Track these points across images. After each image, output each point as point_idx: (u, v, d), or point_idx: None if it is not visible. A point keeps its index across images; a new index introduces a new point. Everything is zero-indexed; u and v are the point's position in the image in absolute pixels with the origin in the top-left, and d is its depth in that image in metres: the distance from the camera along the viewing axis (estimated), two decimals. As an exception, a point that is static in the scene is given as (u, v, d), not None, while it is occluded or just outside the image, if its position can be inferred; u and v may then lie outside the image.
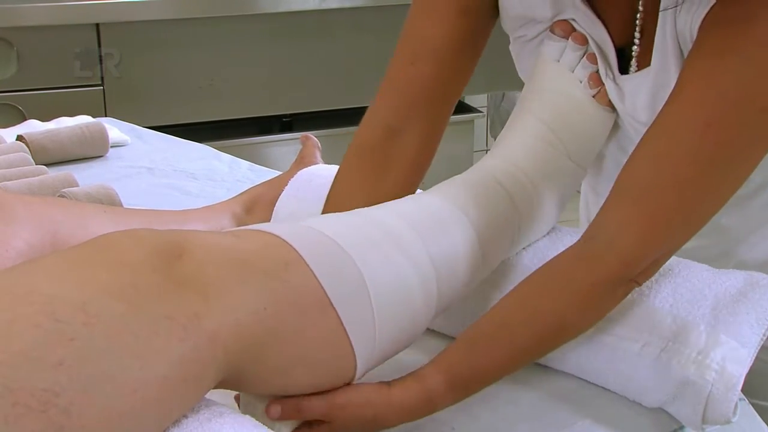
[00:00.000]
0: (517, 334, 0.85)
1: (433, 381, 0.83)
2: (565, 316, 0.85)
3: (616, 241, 0.84)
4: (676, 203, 0.83)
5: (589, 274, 0.85)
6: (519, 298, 0.87)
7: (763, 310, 0.89)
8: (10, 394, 0.59)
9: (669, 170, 0.83)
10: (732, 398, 0.86)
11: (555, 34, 1.00)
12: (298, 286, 0.76)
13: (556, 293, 0.85)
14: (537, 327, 0.85)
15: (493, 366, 0.85)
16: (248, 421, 0.72)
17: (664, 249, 0.86)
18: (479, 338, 0.86)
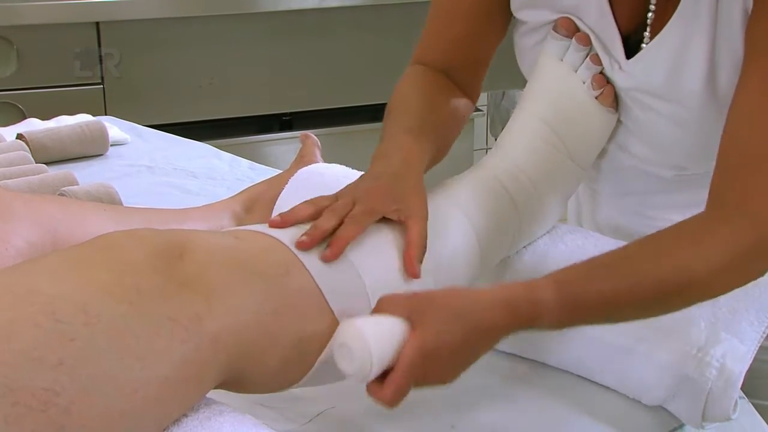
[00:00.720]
0: (640, 267, 0.81)
1: (543, 287, 0.78)
2: (690, 265, 0.81)
3: (747, 206, 0.82)
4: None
5: (721, 234, 0.82)
6: (647, 243, 0.84)
7: (763, 308, 0.89)
8: (10, 393, 0.59)
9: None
10: (732, 395, 0.86)
11: (558, 33, 0.99)
12: (298, 290, 0.77)
13: (686, 246, 0.82)
14: (660, 267, 0.81)
15: (610, 296, 0.79)
16: (248, 419, 0.72)
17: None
18: (600, 263, 0.82)
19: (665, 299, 0.82)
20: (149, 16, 2.44)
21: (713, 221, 0.83)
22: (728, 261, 0.81)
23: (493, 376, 0.96)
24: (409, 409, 0.89)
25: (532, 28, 1.04)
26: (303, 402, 0.90)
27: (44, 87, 2.40)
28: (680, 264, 0.81)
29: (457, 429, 0.87)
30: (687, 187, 1.04)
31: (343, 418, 0.88)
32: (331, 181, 1.08)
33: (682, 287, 0.81)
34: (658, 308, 0.83)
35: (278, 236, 0.79)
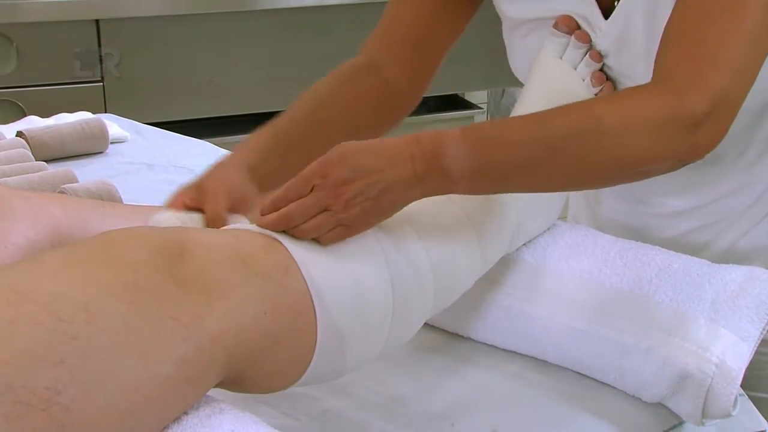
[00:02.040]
0: (551, 117, 0.80)
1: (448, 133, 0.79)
2: (603, 116, 0.80)
3: (667, 76, 0.82)
4: (720, 31, 0.81)
5: (638, 97, 0.82)
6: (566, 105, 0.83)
7: (763, 305, 0.89)
8: (11, 392, 0.59)
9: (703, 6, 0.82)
10: (732, 392, 0.86)
11: (558, 30, 0.99)
12: (297, 291, 0.77)
13: (603, 102, 0.82)
14: (572, 116, 0.80)
15: (516, 137, 0.79)
16: (248, 417, 0.72)
17: (717, 84, 0.81)
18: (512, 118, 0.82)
19: (572, 149, 0.79)
20: (149, 13, 2.44)
21: (635, 89, 0.83)
22: (641, 120, 0.80)
23: (493, 373, 0.96)
24: (409, 407, 0.89)
25: (519, 23, 1.04)
26: (303, 399, 0.90)
27: (44, 85, 2.40)
28: (591, 116, 0.80)
29: (457, 426, 0.87)
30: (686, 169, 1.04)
31: (343, 416, 0.88)
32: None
33: (590, 138, 0.79)
34: (565, 162, 0.80)
35: (277, 235, 0.79)
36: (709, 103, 0.80)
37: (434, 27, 1.05)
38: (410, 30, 1.05)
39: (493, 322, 0.99)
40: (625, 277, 0.93)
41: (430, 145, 0.78)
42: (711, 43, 0.81)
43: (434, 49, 1.06)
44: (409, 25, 1.05)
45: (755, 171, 1.04)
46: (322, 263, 0.78)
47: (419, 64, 1.06)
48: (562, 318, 0.94)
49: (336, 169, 0.78)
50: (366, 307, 0.80)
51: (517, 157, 0.79)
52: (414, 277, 0.84)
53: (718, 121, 0.82)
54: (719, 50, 0.81)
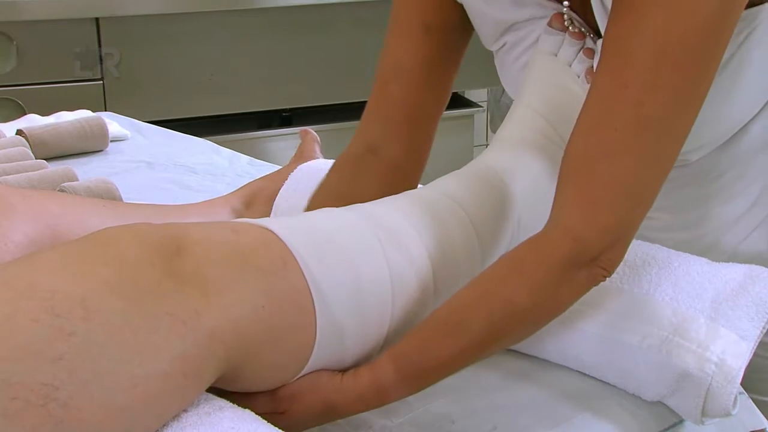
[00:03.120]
0: (468, 320, 0.81)
1: (384, 370, 0.80)
2: (513, 298, 0.80)
3: (561, 220, 0.82)
4: (610, 171, 0.80)
5: (538, 254, 0.81)
6: (471, 285, 0.84)
7: (764, 303, 0.89)
8: (9, 388, 0.59)
9: (596, 140, 0.81)
10: (732, 391, 0.86)
11: (552, 28, 1.00)
12: (296, 284, 0.77)
13: (504, 275, 0.82)
14: (487, 311, 0.80)
15: (445, 354, 0.80)
16: (248, 414, 0.72)
17: (613, 222, 0.81)
18: (431, 326, 0.82)
19: (501, 337, 0.82)
20: (149, 12, 2.44)
21: (536, 241, 0.83)
22: (546, 282, 0.81)
23: (493, 371, 0.96)
24: (409, 404, 0.89)
25: (509, 48, 1.04)
26: (303, 397, 0.90)
27: (44, 83, 2.40)
28: (502, 302, 0.81)
29: (458, 424, 0.87)
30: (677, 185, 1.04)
31: (343, 414, 0.88)
32: (330, 177, 1.08)
33: (512, 322, 0.81)
34: (499, 347, 0.84)
35: (275, 229, 0.79)
36: (605, 240, 0.81)
37: (424, 99, 1.04)
38: (402, 107, 1.03)
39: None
40: (624, 276, 0.93)
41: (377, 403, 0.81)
42: (603, 180, 0.80)
43: (428, 119, 1.05)
44: (400, 103, 1.03)
45: (742, 184, 1.04)
46: (321, 257, 0.79)
47: (416, 138, 1.05)
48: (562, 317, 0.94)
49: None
50: (365, 303, 0.80)
51: (451, 369, 0.82)
52: (414, 274, 0.84)
53: (617, 247, 0.82)
54: (613, 187, 0.80)
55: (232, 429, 0.68)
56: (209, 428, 0.68)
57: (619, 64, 0.80)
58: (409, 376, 0.80)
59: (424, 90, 1.03)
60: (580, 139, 0.83)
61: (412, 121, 1.03)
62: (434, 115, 1.06)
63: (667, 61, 0.78)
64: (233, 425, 0.69)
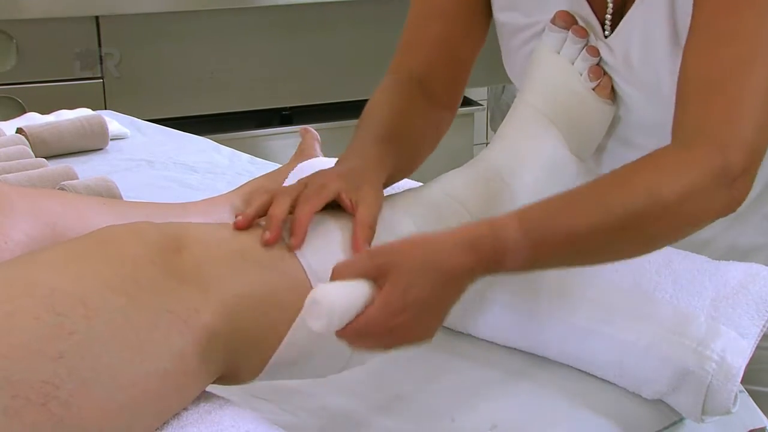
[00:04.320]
0: (608, 199, 0.78)
1: (506, 226, 0.75)
2: (659, 190, 0.78)
3: (706, 129, 0.82)
4: (746, 83, 0.82)
5: (682, 156, 0.81)
6: (612, 175, 0.82)
7: (764, 302, 0.89)
8: (9, 386, 0.59)
9: (724, 54, 0.83)
10: (732, 389, 0.86)
11: (556, 25, 1.00)
12: (296, 278, 0.77)
13: (651, 174, 0.80)
14: (629, 196, 0.78)
15: (576, 225, 0.76)
16: (248, 413, 0.72)
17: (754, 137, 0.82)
18: (566, 198, 0.79)
19: (635, 228, 0.79)
20: (149, 10, 2.44)
21: (675, 150, 0.82)
22: (695, 185, 0.80)
23: (493, 369, 0.96)
24: (409, 403, 0.89)
25: (516, 29, 1.04)
26: (302, 395, 0.90)
27: (44, 81, 2.40)
28: (648, 190, 0.79)
29: (457, 422, 0.87)
30: None
31: (343, 412, 0.88)
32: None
33: (652, 213, 0.79)
34: (628, 241, 0.80)
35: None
36: (748, 156, 0.81)
37: (465, 35, 1.05)
38: (443, 41, 1.04)
39: (494, 318, 0.99)
40: (625, 274, 0.93)
41: (491, 256, 0.75)
42: (748, 92, 0.82)
43: (467, 57, 1.07)
44: (440, 37, 1.04)
45: None
46: (320, 252, 0.79)
47: (455, 74, 1.06)
48: (563, 315, 0.94)
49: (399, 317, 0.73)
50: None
51: (577, 247, 0.78)
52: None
53: (751, 173, 0.83)
54: (755, 99, 0.82)
55: (233, 427, 0.69)
56: (210, 426, 0.69)
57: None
58: (533, 238, 0.76)
59: (462, 32, 1.05)
60: (703, 57, 0.84)
61: (453, 61, 1.05)
62: (471, 56, 1.07)
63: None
64: (234, 423, 0.69)
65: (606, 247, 0.80)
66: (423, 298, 0.73)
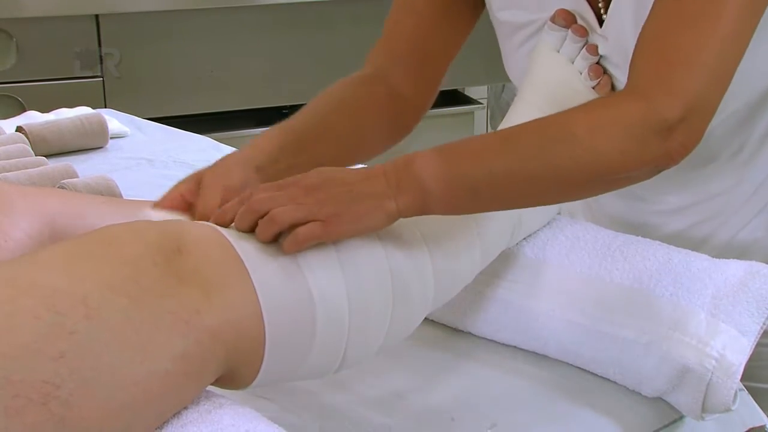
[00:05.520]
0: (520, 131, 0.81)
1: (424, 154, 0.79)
2: (572, 129, 0.79)
3: (640, 81, 0.82)
4: (693, 37, 0.81)
5: (610, 100, 0.82)
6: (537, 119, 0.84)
7: (764, 300, 0.89)
8: (10, 386, 0.59)
9: (678, 8, 0.82)
10: (732, 386, 0.86)
11: (556, 24, 0.99)
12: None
13: (573, 112, 0.81)
14: (542, 131, 0.80)
15: (486, 150, 0.79)
16: (248, 412, 0.72)
17: (688, 88, 0.80)
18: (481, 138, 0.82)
19: (545, 157, 0.78)
20: (149, 8, 2.44)
21: (610, 98, 0.84)
22: (612, 126, 0.79)
23: (492, 367, 0.96)
24: (409, 402, 0.89)
25: (514, 30, 1.04)
26: (303, 394, 0.90)
27: (44, 80, 2.40)
28: (561, 123, 0.80)
29: (457, 420, 0.87)
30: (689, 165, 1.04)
31: (343, 411, 0.88)
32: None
33: (561, 142, 0.78)
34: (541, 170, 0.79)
35: None
36: (682, 108, 0.80)
37: (436, 34, 1.05)
38: (412, 38, 1.05)
39: (494, 316, 0.99)
40: (625, 272, 0.93)
41: (401, 160, 0.79)
42: (685, 48, 0.81)
43: (438, 56, 1.07)
44: (411, 33, 1.05)
45: (751, 167, 1.04)
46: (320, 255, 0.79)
47: (424, 71, 1.06)
48: (563, 313, 0.94)
49: (307, 177, 0.78)
50: (365, 300, 0.80)
51: (488, 168, 0.78)
52: (414, 271, 0.84)
53: (692, 125, 0.81)
54: (693, 55, 0.81)
55: (233, 426, 0.69)
56: (210, 425, 0.69)
57: None
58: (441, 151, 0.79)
59: (434, 31, 1.05)
60: (658, 11, 0.84)
61: (421, 54, 1.05)
62: (444, 53, 1.07)
63: None
64: (233, 422, 0.69)
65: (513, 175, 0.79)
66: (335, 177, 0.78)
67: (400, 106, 1.04)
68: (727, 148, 1.02)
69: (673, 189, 1.06)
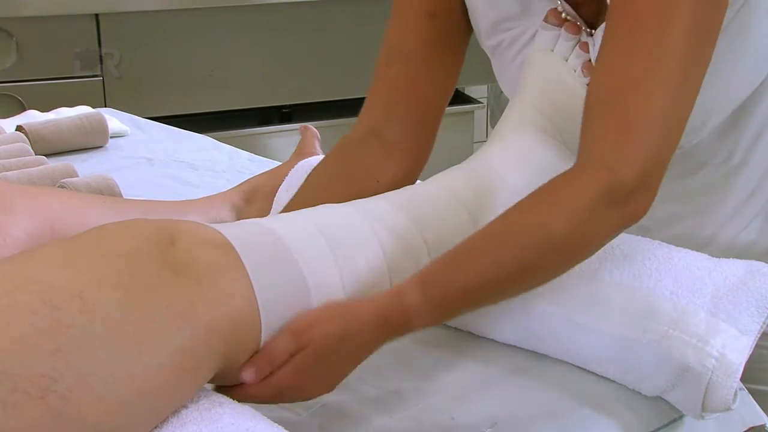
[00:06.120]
0: (500, 246, 0.80)
1: (410, 294, 0.78)
2: (547, 225, 0.79)
3: (595, 152, 0.82)
4: (642, 101, 0.81)
5: (574, 185, 0.81)
6: (503, 216, 0.83)
7: (764, 299, 0.89)
8: (8, 380, 0.59)
9: (622, 72, 0.82)
10: (732, 386, 0.86)
11: (548, 23, 1.00)
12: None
13: (537, 205, 0.81)
14: (519, 238, 0.79)
15: (476, 281, 0.79)
16: (247, 410, 0.72)
17: (646, 154, 0.81)
18: (461, 251, 0.81)
19: (532, 264, 0.80)
20: (149, 8, 2.44)
21: (570, 174, 0.83)
22: (584, 212, 0.80)
23: (492, 366, 0.96)
24: (409, 401, 0.89)
25: (506, 47, 1.04)
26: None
27: (44, 79, 2.40)
28: (537, 227, 0.80)
29: (457, 420, 0.87)
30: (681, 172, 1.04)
31: (343, 409, 0.88)
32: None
33: (545, 247, 0.80)
34: (526, 275, 0.81)
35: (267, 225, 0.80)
36: (639, 173, 0.81)
37: (427, 81, 1.03)
38: (404, 88, 1.02)
39: (493, 315, 0.98)
40: (625, 271, 0.93)
41: (398, 325, 0.78)
42: (635, 112, 0.81)
43: (432, 102, 1.04)
44: (401, 84, 1.02)
45: (744, 170, 1.04)
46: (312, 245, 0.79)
47: (420, 119, 1.03)
48: (562, 312, 0.94)
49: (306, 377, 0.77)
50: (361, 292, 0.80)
51: (478, 298, 0.81)
52: (413, 267, 0.84)
53: (649, 186, 0.82)
54: (644, 118, 0.81)
55: (232, 425, 0.69)
56: (209, 424, 0.69)
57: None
58: (435, 301, 0.78)
59: (426, 74, 1.03)
60: (605, 75, 0.84)
61: (415, 102, 1.03)
62: (438, 98, 1.05)
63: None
64: (233, 421, 0.69)
65: (509, 289, 0.82)
66: (334, 366, 0.78)
67: (401, 158, 1.01)
68: (716, 155, 1.03)
69: (667, 196, 1.06)
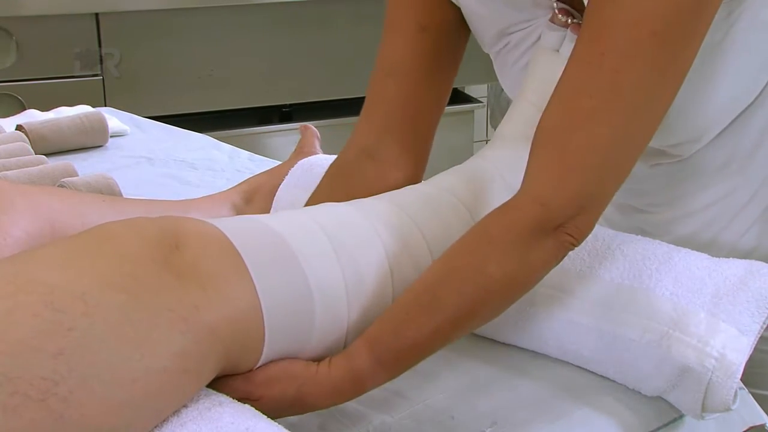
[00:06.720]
0: (440, 297, 0.79)
1: (359, 357, 0.78)
2: (483, 269, 0.78)
3: (530, 186, 0.81)
4: (583, 139, 0.79)
5: (504, 220, 0.80)
6: (441, 260, 0.82)
7: (764, 299, 0.89)
8: (8, 382, 0.59)
9: (570, 108, 0.80)
10: (732, 386, 0.86)
11: (554, 23, 1.00)
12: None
13: (473, 246, 0.80)
14: (458, 286, 0.79)
15: (421, 335, 0.78)
16: (247, 410, 0.72)
17: (582, 189, 0.80)
18: (403, 307, 0.80)
19: (474, 310, 0.80)
20: (149, 7, 2.44)
21: (504, 208, 0.82)
22: (516, 248, 0.79)
23: (492, 366, 0.96)
24: (408, 400, 0.89)
25: (509, 49, 1.04)
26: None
27: (43, 78, 2.40)
28: (474, 272, 0.79)
29: (457, 419, 0.87)
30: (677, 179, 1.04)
31: (342, 409, 0.88)
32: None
33: (483, 291, 0.79)
34: (472, 320, 0.81)
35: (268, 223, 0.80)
36: (573, 208, 0.79)
37: (420, 97, 1.02)
38: (397, 106, 1.01)
39: (493, 315, 0.99)
40: (625, 271, 0.93)
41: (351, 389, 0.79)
42: (579, 151, 0.79)
43: (425, 118, 1.03)
44: (395, 102, 1.01)
45: (744, 174, 1.04)
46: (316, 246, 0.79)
47: (414, 137, 1.02)
48: (562, 311, 0.94)
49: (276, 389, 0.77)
50: (365, 297, 0.80)
51: (427, 350, 0.80)
52: (413, 267, 0.84)
53: (585, 218, 0.81)
54: (587, 158, 0.79)
55: (232, 424, 0.69)
56: (209, 423, 0.69)
57: (597, 32, 0.79)
58: (385, 362, 0.78)
59: (420, 89, 1.01)
60: (555, 107, 0.82)
61: (409, 119, 1.01)
62: (432, 114, 1.04)
63: (644, 30, 0.77)
64: (233, 420, 0.69)
65: (456, 334, 0.81)
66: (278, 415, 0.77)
67: (396, 177, 1.00)
68: (714, 161, 1.03)
69: (667, 201, 1.06)
